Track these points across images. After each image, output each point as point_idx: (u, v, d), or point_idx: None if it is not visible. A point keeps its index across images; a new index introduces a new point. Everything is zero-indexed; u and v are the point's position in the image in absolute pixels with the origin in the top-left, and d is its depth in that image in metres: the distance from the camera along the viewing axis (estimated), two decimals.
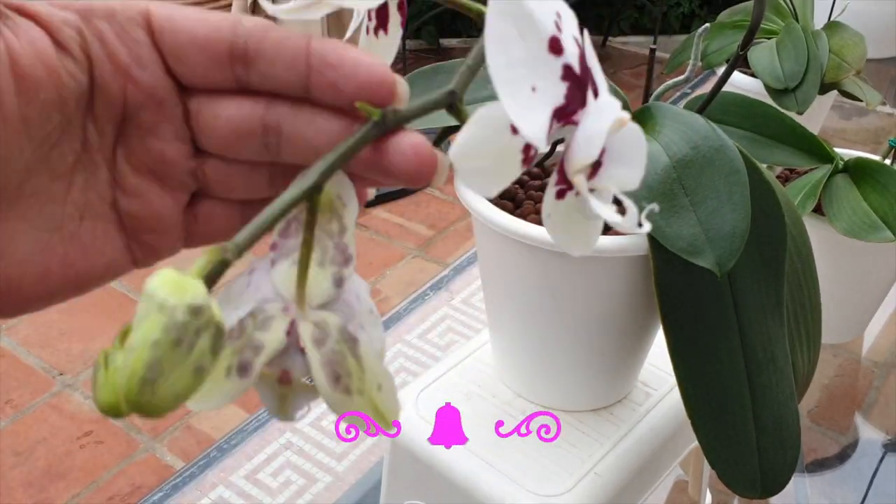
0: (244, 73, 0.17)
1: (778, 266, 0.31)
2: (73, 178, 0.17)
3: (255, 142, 0.17)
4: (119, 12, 0.16)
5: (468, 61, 0.17)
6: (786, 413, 0.32)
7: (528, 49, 0.15)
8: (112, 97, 0.17)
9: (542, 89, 0.15)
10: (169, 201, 0.18)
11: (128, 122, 0.17)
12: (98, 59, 0.16)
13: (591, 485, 0.34)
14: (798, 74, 0.56)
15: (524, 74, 0.15)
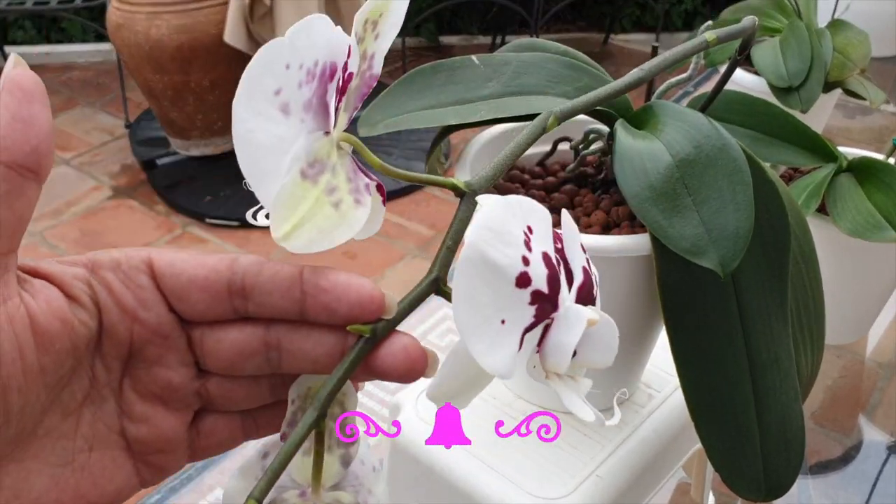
0: (242, 304, 0.18)
1: (782, 266, 0.31)
2: (82, 412, 0.18)
3: (258, 359, 0.19)
4: (123, 262, 0.18)
5: (447, 242, 0.18)
6: (790, 415, 0.31)
7: (496, 291, 0.16)
8: (119, 337, 0.18)
9: (512, 320, 0.16)
10: (175, 422, 0.19)
11: (134, 357, 0.18)
12: (106, 306, 0.18)
13: (593, 487, 0.34)
14: (802, 73, 0.56)
15: (491, 314, 0.16)
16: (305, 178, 0.18)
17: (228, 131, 1.65)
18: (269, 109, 0.17)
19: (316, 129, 0.18)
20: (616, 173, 0.30)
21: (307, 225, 0.17)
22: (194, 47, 1.47)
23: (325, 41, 0.18)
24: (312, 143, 0.18)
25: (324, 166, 0.18)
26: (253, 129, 0.17)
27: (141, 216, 1.53)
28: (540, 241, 0.17)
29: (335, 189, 0.18)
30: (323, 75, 0.18)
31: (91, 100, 1.93)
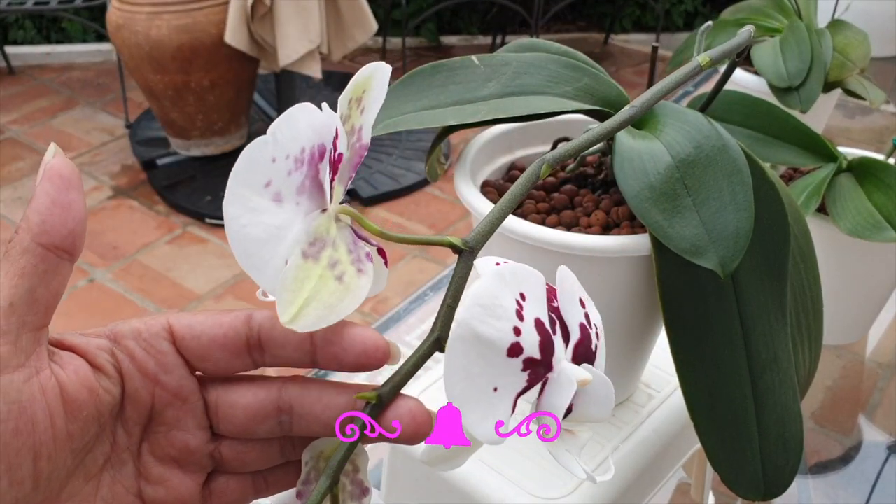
0: (260, 357, 0.19)
1: (781, 266, 0.31)
2: (102, 476, 0.19)
3: (270, 423, 0.20)
4: (144, 330, 0.19)
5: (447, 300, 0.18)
6: (789, 414, 0.31)
7: (488, 363, 0.17)
8: (141, 402, 0.19)
9: (504, 386, 0.17)
10: (189, 484, 0.20)
11: (154, 420, 0.19)
12: (129, 373, 0.19)
13: (593, 487, 0.34)
14: (802, 73, 0.56)
15: (484, 384, 0.17)
16: (307, 258, 0.18)
17: (229, 131, 1.65)
18: (261, 202, 0.18)
19: (313, 209, 0.19)
20: (616, 173, 0.30)
21: (314, 303, 0.18)
22: (195, 47, 1.47)
23: (308, 128, 0.18)
24: (311, 223, 0.18)
25: (324, 243, 0.19)
26: (247, 224, 0.18)
27: (141, 216, 1.53)
28: (533, 307, 0.18)
29: (337, 262, 0.19)
30: (312, 159, 0.18)
31: (91, 100, 1.93)
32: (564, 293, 0.19)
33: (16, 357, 0.17)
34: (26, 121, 1.84)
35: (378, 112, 0.32)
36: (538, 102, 0.31)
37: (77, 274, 1.38)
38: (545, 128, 0.38)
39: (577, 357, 0.18)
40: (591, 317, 0.19)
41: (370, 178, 1.63)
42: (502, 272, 0.17)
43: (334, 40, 1.58)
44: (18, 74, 2.04)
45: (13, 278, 0.17)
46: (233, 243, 0.18)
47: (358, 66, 2.44)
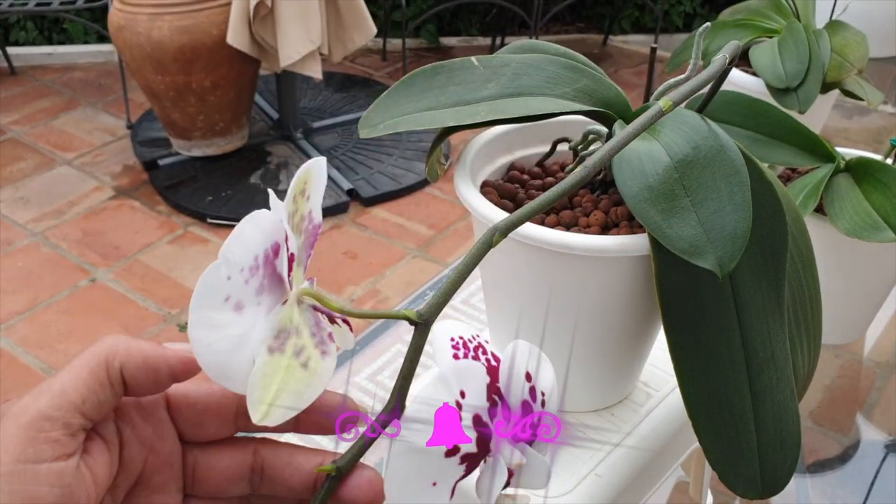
0: (244, 425, 0.21)
1: (779, 266, 0.31)
2: None
3: (242, 483, 0.21)
4: (144, 400, 0.20)
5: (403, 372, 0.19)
6: (786, 413, 0.32)
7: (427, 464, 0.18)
8: (133, 469, 0.20)
9: (442, 480, 0.18)
10: None
11: (140, 485, 0.20)
12: (128, 442, 0.20)
13: (592, 486, 0.34)
14: (800, 73, 0.56)
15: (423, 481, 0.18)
16: (273, 352, 0.19)
17: (230, 132, 1.65)
18: (223, 317, 0.19)
19: (274, 304, 0.20)
20: (615, 174, 0.30)
21: (283, 395, 0.19)
22: (196, 48, 1.47)
23: (259, 235, 0.19)
24: (274, 318, 0.20)
25: (289, 332, 0.20)
26: (212, 342, 0.19)
27: (142, 216, 1.54)
28: (472, 402, 0.19)
29: (302, 349, 0.20)
30: (267, 259, 0.19)
31: (93, 100, 1.93)
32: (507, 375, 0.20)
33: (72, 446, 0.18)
34: (28, 121, 1.84)
35: (379, 111, 0.32)
36: (537, 103, 0.31)
37: (78, 273, 1.39)
38: (544, 128, 0.38)
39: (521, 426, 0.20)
40: (536, 389, 0.20)
41: (370, 178, 1.63)
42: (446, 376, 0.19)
43: (334, 41, 1.58)
44: (20, 75, 2.04)
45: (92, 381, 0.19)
46: (202, 362, 0.19)
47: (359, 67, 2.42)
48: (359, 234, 1.50)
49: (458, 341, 0.20)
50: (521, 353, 0.20)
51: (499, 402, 0.19)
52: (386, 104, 0.32)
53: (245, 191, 1.58)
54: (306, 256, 0.21)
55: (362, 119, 0.32)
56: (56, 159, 1.70)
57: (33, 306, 1.31)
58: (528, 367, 0.20)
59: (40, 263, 1.41)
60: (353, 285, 1.36)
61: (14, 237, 1.47)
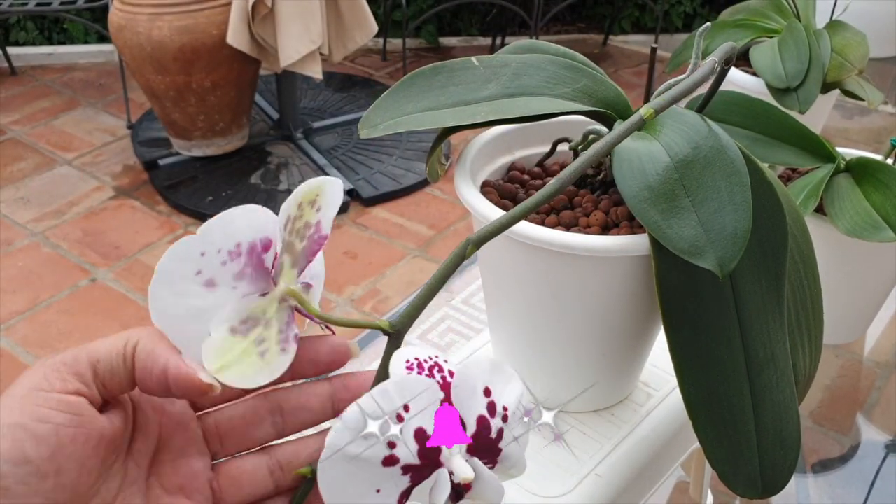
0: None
1: (779, 266, 0.31)
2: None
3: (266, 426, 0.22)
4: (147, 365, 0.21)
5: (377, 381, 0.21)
6: (786, 413, 0.32)
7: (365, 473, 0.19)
8: (150, 432, 0.21)
9: (386, 489, 0.19)
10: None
11: (161, 450, 0.21)
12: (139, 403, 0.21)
13: (592, 486, 0.34)
14: (800, 74, 0.56)
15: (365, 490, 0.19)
16: (235, 333, 0.20)
17: (230, 132, 1.65)
18: (189, 287, 0.20)
19: (252, 292, 0.21)
20: (615, 174, 0.30)
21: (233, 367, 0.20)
22: (196, 48, 1.47)
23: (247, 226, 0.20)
24: (246, 304, 0.21)
25: (257, 322, 0.21)
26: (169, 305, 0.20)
27: (143, 216, 1.54)
28: (417, 418, 0.19)
29: (264, 340, 0.21)
30: (253, 250, 0.21)
31: (93, 100, 1.93)
32: (460, 389, 0.20)
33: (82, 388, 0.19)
34: (28, 121, 1.84)
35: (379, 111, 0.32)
36: (537, 103, 0.31)
37: (79, 273, 1.39)
38: (544, 128, 0.38)
39: (475, 448, 0.20)
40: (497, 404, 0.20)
41: (371, 178, 1.63)
42: (386, 388, 0.19)
43: (335, 41, 1.58)
44: (20, 75, 2.04)
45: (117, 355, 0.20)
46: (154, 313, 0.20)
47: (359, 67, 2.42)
48: (359, 234, 1.50)
49: (412, 362, 0.21)
50: (476, 368, 0.20)
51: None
52: (386, 104, 0.32)
53: (245, 191, 1.58)
54: (305, 262, 0.21)
55: (362, 119, 0.32)
56: (56, 159, 1.70)
57: (33, 306, 1.31)
58: (487, 383, 0.20)
59: (41, 263, 1.41)
60: (354, 285, 1.36)
61: (14, 237, 1.47)
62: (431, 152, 0.35)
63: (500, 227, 0.22)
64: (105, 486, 0.20)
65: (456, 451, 0.19)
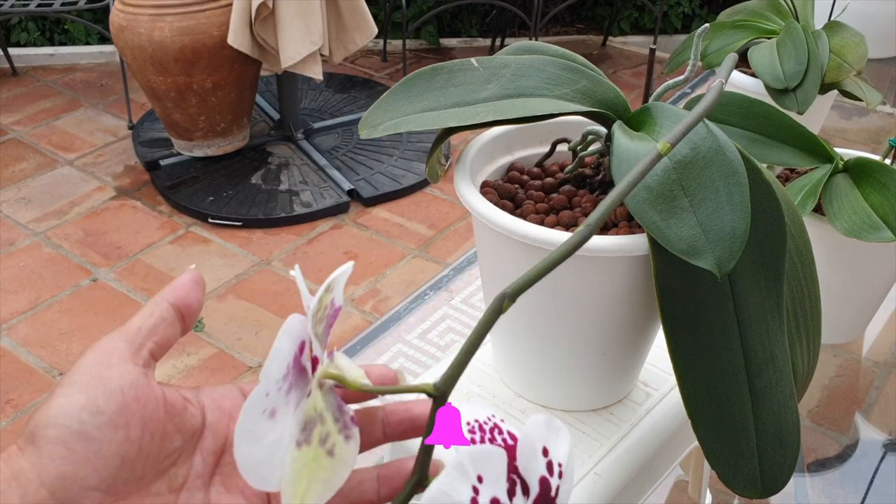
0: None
1: (778, 266, 0.31)
2: (180, 494, 0.22)
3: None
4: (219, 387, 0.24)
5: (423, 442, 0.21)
6: (785, 413, 0.32)
7: None
8: (220, 433, 0.23)
9: None
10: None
11: (228, 454, 0.23)
12: (210, 409, 0.23)
13: (592, 485, 0.34)
14: (798, 74, 0.56)
15: None
16: (300, 445, 0.20)
17: (231, 132, 1.66)
18: (261, 428, 0.20)
19: (301, 398, 0.21)
20: (614, 174, 0.30)
21: (312, 487, 0.20)
22: (197, 49, 1.47)
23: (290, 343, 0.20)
24: (300, 412, 0.20)
25: (314, 422, 0.20)
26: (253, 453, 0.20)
27: (144, 216, 1.54)
28: (490, 486, 0.19)
29: (328, 436, 0.20)
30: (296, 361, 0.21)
31: (94, 101, 1.94)
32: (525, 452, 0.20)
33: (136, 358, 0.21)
34: (30, 122, 1.84)
35: (379, 112, 0.32)
36: (537, 104, 0.32)
37: (80, 273, 1.39)
38: (543, 129, 0.38)
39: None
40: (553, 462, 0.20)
41: (371, 178, 1.63)
42: (462, 462, 0.19)
43: (335, 43, 1.58)
44: (22, 76, 2.05)
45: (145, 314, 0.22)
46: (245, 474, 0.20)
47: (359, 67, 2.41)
48: (359, 234, 1.50)
49: (473, 425, 0.20)
50: (537, 429, 0.20)
51: (517, 480, 0.20)
52: (386, 105, 0.32)
53: (246, 191, 1.58)
54: (326, 337, 0.22)
55: (363, 120, 0.32)
56: (58, 160, 1.70)
57: (35, 306, 1.31)
58: (545, 442, 0.20)
59: (42, 263, 1.41)
60: (354, 285, 1.36)
61: (16, 237, 1.47)
62: (431, 153, 0.35)
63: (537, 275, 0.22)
64: (174, 469, 0.22)
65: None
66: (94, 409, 0.20)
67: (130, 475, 0.20)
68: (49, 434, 0.19)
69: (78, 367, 0.21)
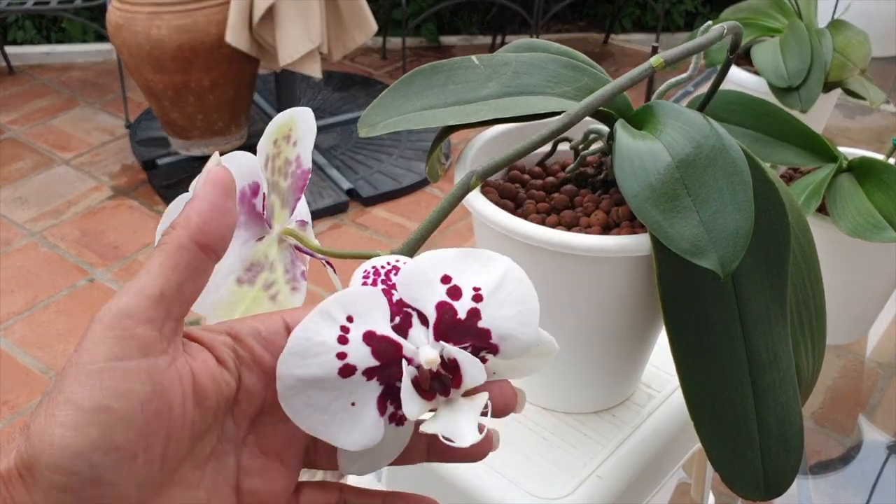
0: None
1: (782, 266, 0.31)
2: (207, 466, 0.19)
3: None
4: (263, 329, 0.20)
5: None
6: (789, 414, 0.31)
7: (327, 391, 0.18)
8: (256, 395, 0.20)
9: (359, 399, 0.19)
10: (285, 480, 0.20)
11: (265, 413, 0.20)
12: (248, 368, 0.20)
13: (594, 487, 0.34)
14: (802, 73, 0.56)
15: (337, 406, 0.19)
16: (241, 283, 0.20)
17: (229, 131, 1.65)
18: None
19: (249, 239, 0.20)
20: (616, 173, 0.30)
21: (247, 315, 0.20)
22: (195, 47, 1.47)
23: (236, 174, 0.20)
24: (247, 252, 0.20)
25: (262, 267, 0.20)
26: None
27: (141, 216, 1.53)
28: (364, 322, 0.19)
29: (273, 284, 0.20)
30: (243, 197, 0.20)
31: (91, 100, 1.93)
32: (407, 284, 0.19)
33: (160, 343, 0.18)
34: (26, 121, 1.83)
35: (378, 110, 0.32)
36: (538, 102, 0.31)
37: (77, 273, 1.38)
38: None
39: (442, 334, 0.19)
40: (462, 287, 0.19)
41: (371, 178, 1.63)
42: (326, 308, 0.19)
43: (334, 41, 1.57)
44: (18, 74, 2.04)
45: (167, 270, 0.18)
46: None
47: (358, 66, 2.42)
48: (359, 233, 1.50)
49: (369, 271, 0.20)
50: (430, 261, 0.20)
51: (413, 312, 0.19)
52: (386, 103, 0.32)
53: None
54: (294, 199, 0.21)
55: (362, 118, 0.32)
56: (54, 159, 1.70)
57: (32, 306, 1.31)
58: (445, 272, 0.20)
59: (39, 263, 1.40)
60: None
61: (12, 237, 1.47)
62: (431, 152, 0.35)
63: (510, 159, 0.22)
64: (200, 445, 0.19)
65: (423, 342, 0.19)
66: (107, 448, 0.16)
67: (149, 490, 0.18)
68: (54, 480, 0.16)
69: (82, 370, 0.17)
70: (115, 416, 0.16)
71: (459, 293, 0.19)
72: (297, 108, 0.21)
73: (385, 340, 0.19)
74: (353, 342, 0.18)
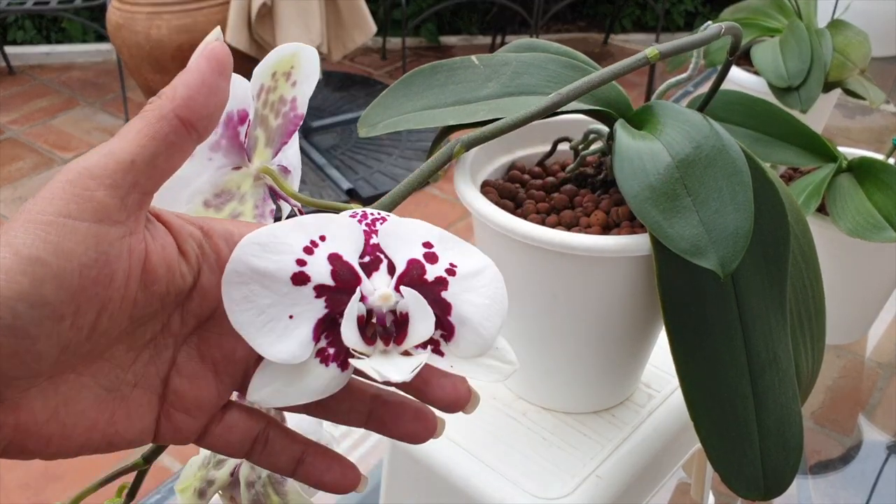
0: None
1: (781, 266, 0.31)
2: (142, 352, 0.19)
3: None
4: (237, 234, 0.19)
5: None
6: (789, 414, 0.31)
7: (275, 292, 0.18)
8: (211, 298, 0.19)
9: (299, 314, 0.18)
10: (214, 392, 0.20)
11: (214, 320, 0.19)
12: (210, 268, 0.19)
13: (593, 487, 0.34)
14: (802, 73, 0.56)
15: (276, 313, 0.18)
16: (209, 207, 0.20)
17: None
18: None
19: (227, 165, 0.20)
20: (616, 173, 0.30)
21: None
22: (195, 47, 1.45)
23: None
24: (220, 177, 0.20)
25: (231, 196, 0.20)
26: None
27: None
28: (334, 245, 0.19)
29: (240, 216, 0.20)
30: (230, 122, 0.20)
31: (91, 100, 1.93)
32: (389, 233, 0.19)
33: (119, 212, 0.17)
34: (26, 121, 1.84)
35: (378, 110, 0.32)
36: (537, 102, 0.31)
37: None
38: (544, 128, 0.38)
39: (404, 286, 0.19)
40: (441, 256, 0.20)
41: (370, 177, 1.63)
42: (303, 220, 0.19)
43: (334, 41, 1.58)
44: (18, 74, 2.04)
45: (143, 138, 0.17)
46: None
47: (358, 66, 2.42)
48: None
49: (357, 213, 0.20)
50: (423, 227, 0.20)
51: (383, 259, 0.19)
52: (385, 103, 0.32)
53: None
54: (280, 141, 0.21)
55: (362, 118, 0.32)
56: (54, 159, 1.70)
57: None
58: (430, 239, 0.20)
59: None
60: None
61: None
62: (431, 152, 0.35)
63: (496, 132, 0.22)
64: (141, 329, 0.18)
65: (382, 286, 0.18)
66: (34, 301, 0.15)
67: (73, 356, 0.17)
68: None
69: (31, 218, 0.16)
70: (49, 271, 0.16)
71: (436, 259, 0.20)
72: (303, 46, 0.21)
73: (348, 268, 0.18)
74: (317, 255, 0.18)
